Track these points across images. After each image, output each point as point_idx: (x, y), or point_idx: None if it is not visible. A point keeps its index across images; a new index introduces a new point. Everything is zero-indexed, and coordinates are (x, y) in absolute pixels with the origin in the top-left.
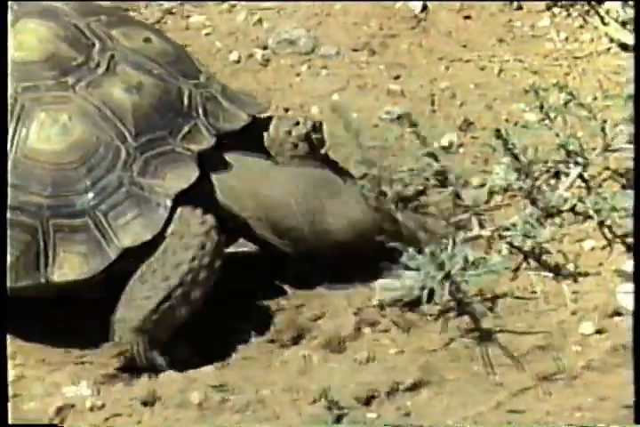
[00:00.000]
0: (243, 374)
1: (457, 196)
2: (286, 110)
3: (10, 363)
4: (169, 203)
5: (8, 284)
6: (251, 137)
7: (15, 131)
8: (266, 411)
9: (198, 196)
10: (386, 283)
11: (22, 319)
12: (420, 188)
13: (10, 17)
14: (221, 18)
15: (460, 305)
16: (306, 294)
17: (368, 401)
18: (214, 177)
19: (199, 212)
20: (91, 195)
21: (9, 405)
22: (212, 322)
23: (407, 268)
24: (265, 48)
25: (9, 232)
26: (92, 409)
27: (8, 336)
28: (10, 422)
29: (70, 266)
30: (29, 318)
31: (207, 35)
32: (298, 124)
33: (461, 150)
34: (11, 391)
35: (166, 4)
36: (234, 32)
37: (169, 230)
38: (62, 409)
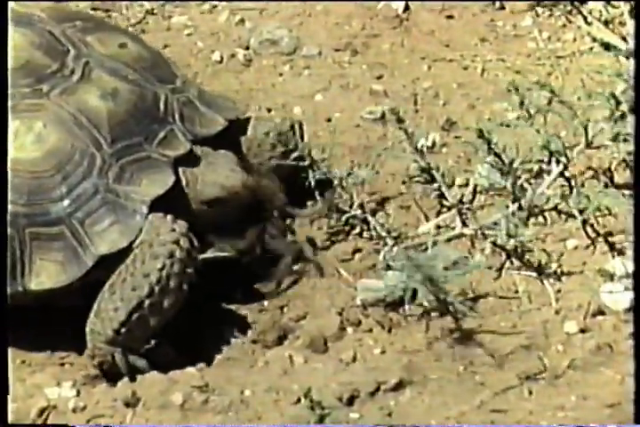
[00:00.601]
0: (225, 374)
1: (441, 194)
2: (269, 110)
3: None
4: (145, 209)
5: None
6: (228, 140)
7: None
8: (248, 412)
9: (174, 200)
10: (368, 283)
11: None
12: (402, 187)
13: None
14: (203, 18)
15: (442, 305)
16: (289, 295)
17: (351, 401)
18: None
19: (170, 218)
20: (66, 202)
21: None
22: (194, 323)
23: (389, 268)
24: (247, 48)
25: None
26: (74, 410)
27: None
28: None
29: (47, 274)
30: (10, 319)
31: (189, 35)
32: (275, 124)
33: (444, 150)
34: None
35: (147, 5)
36: (216, 32)
37: (138, 239)
38: (44, 410)
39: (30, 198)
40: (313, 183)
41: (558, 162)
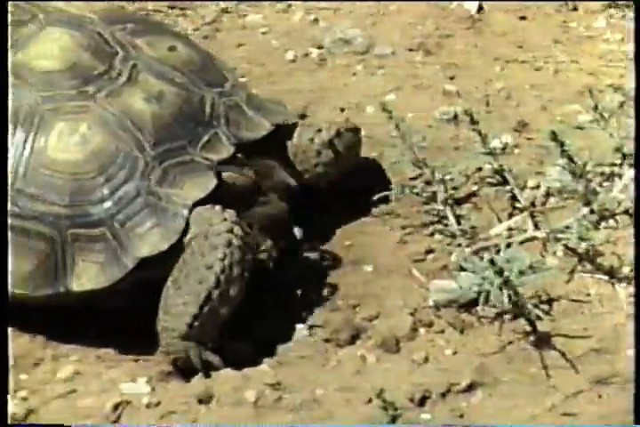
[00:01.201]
0: (298, 372)
1: (513, 196)
2: (342, 110)
3: (65, 360)
4: (186, 213)
5: (29, 293)
6: (274, 145)
7: (34, 140)
8: (320, 410)
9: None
10: (441, 284)
11: (78, 317)
12: (474, 188)
13: (35, 26)
14: (277, 17)
15: (515, 307)
16: (361, 294)
17: (422, 402)
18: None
19: (219, 208)
20: (108, 204)
21: (9, 403)
22: (267, 321)
23: (462, 269)
24: (321, 47)
25: (29, 241)
26: (148, 406)
27: (65, 332)
28: (65, 417)
29: (88, 276)
30: (85, 315)
31: (263, 33)
32: (320, 131)
33: (517, 151)
34: (67, 388)
35: (222, 4)
36: (290, 31)
37: (191, 232)
38: (119, 405)
39: (72, 200)
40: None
41: (631, 165)
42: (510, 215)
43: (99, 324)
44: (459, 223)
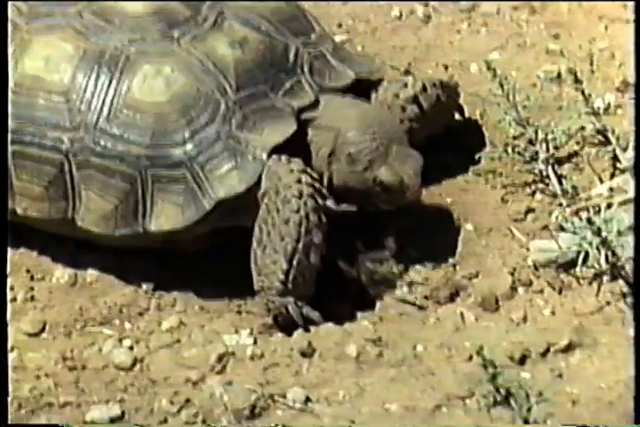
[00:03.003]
0: (398, 329)
1: (615, 157)
2: (445, 68)
3: (170, 310)
4: (264, 156)
5: (106, 231)
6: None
7: (118, 82)
8: (421, 367)
9: (293, 150)
10: (541, 244)
11: (180, 269)
12: (576, 148)
13: None
14: None
15: (614, 268)
16: (461, 253)
17: (522, 361)
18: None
19: (284, 159)
20: (189, 147)
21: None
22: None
23: (562, 229)
24: (426, 5)
25: (109, 180)
26: (252, 358)
27: (170, 283)
28: (170, 367)
29: (167, 216)
30: (187, 266)
31: None
32: (406, 86)
33: (619, 111)
34: (172, 338)
35: None
36: None
37: (262, 189)
38: (223, 357)
39: (153, 141)
40: None
41: None
42: (612, 176)
43: (202, 274)
44: (560, 183)
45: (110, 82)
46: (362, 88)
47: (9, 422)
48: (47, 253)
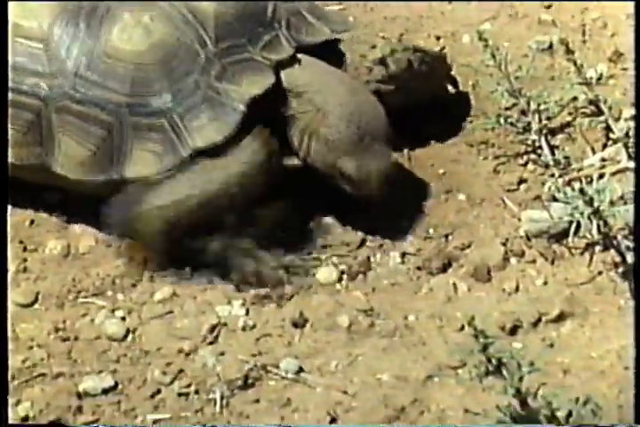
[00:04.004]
0: (390, 299)
1: (607, 127)
2: (437, 38)
3: (163, 281)
4: (243, 108)
5: (82, 177)
6: (331, 57)
7: (98, 30)
8: (412, 337)
9: (270, 103)
10: (533, 214)
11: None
12: (569, 119)
13: None
14: None
15: (606, 239)
16: (454, 223)
17: (513, 331)
18: (284, 74)
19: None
20: (168, 96)
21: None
22: (360, 249)
23: (555, 199)
24: None
25: (87, 127)
26: (244, 329)
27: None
28: (162, 338)
29: (144, 163)
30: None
31: None
32: (374, 47)
33: (611, 82)
34: (164, 309)
35: None
36: None
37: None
38: (215, 327)
39: (133, 89)
40: None
41: None
42: (604, 146)
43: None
44: (552, 153)
45: (90, 30)
46: (336, 46)
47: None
48: (40, 224)
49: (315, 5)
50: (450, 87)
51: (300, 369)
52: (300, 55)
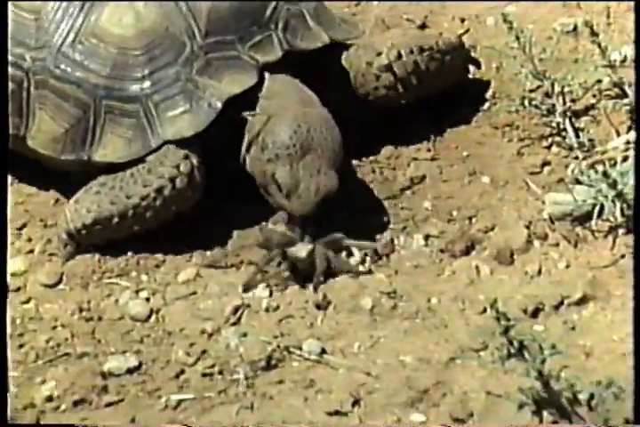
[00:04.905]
0: (413, 282)
1: (632, 110)
2: (462, 21)
3: (186, 262)
4: (219, 105)
5: (52, 154)
6: (335, 63)
7: (90, 9)
8: (435, 319)
9: (248, 103)
10: (556, 197)
11: (198, 220)
12: (593, 101)
13: None
14: None
15: (629, 222)
16: (477, 206)
17: (535, 313)
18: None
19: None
20: (147, 83)
21: (9, 397)
22: (384, 231)
23: (578, 182)
24: None
25: (63, 104)
26: (267, 310)
27: (186, 235)
28: (186, 319)
29: (113, 148)
30: (206, 218)
31: None
32: (380, 54)
33: (636, 64)
34: (188, 290)
35: None
36: None
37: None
38: (239, 308)
39: (113, 72)
40: None
41: None
42: (629, 129)
43: (219, 228)
44: (576, 136)
45: (82, 8)
46: (338, 51)
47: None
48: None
49: (323, 8)
50: (473, 69)
51: (323, 351)
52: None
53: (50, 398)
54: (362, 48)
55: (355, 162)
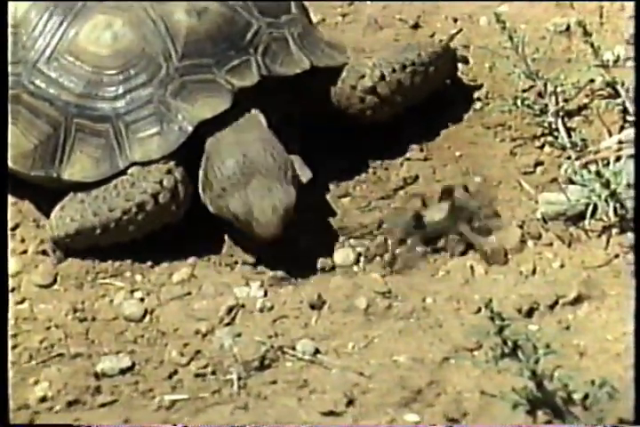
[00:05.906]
0: (408, 281)
1: (624, 109)
2: (455, 20)
3: (181, 263)
4: (189, 129)
5: (22, 169)
6: (319, 87)
7: (68, 26)
8: (429, 319)
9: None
10: (550, 196)
11: (196, 222)
12: (586, 101)
13: None
14: None
15: (623, 221)
16: None
17: (530, 313)
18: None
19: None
20: (119, 103)
21: (9, 396)
22: (378, 232)
23: (571, 182)
24: None
25: (35, 120)
26: (261, 310)
27: (180, 236)
28: (180, 319)
29: (81, 167)
30: (200, 220)
31: None
32: (363, 77)
33: (629, 64)
34: (182, 290)
35: None
36: None
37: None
38: (233, 308)
39: (86, 91)
40: None
41: None
42: (621, 128)
43: (211, 227)
44: (569, 136)
45: (61, 25)
46: (323, 74)
47: (10, 422)
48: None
49: (309, 32)
50: (465, 69)
51: (317, 351)
52: None
53: (43, 399)
54: (345, 71)
55: (348, 163)
